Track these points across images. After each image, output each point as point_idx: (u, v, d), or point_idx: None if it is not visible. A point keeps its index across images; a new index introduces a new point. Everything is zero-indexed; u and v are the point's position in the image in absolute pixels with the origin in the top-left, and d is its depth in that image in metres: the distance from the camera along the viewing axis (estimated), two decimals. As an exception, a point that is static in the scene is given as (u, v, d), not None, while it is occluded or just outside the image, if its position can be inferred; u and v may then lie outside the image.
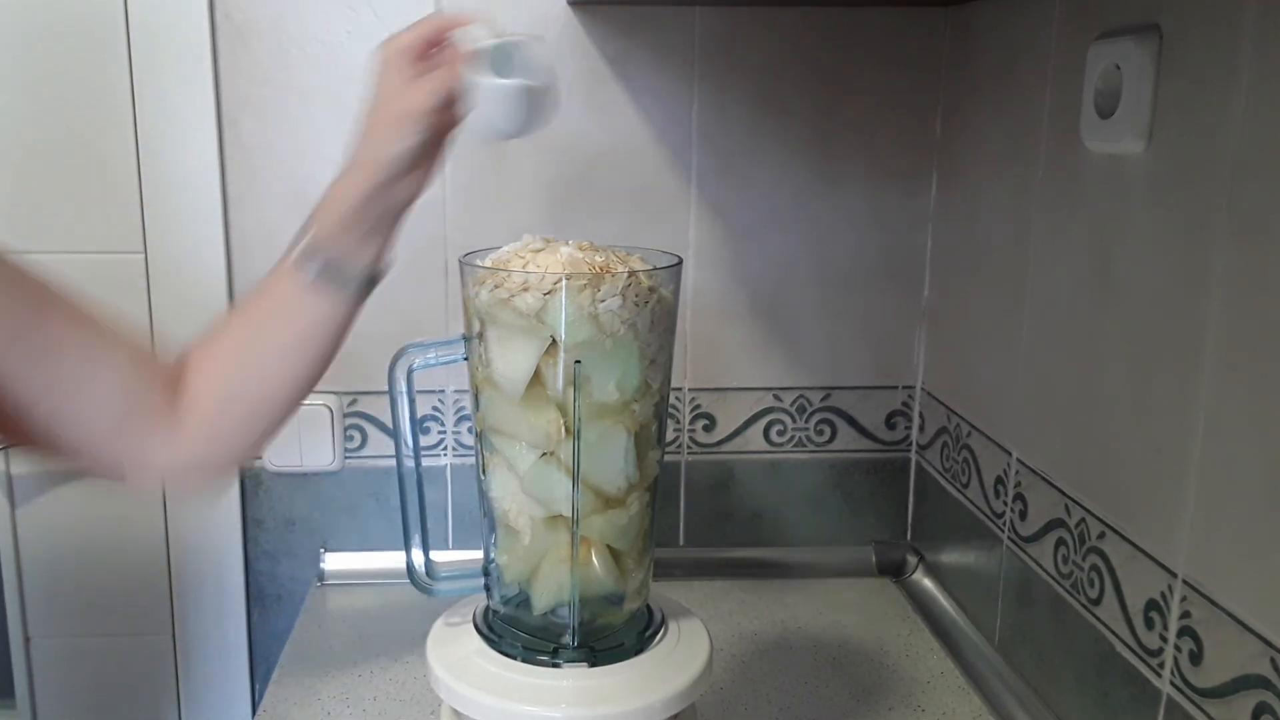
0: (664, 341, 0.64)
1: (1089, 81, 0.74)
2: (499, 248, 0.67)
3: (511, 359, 0.61)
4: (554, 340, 0.59)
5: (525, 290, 0.59)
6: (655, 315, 0.62)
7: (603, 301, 0.59)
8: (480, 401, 0.64)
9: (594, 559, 0.63)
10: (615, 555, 0.65)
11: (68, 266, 1.02)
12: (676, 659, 0.65)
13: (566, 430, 0.61)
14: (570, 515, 0.62)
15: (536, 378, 0.60)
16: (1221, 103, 0.61)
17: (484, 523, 0.67)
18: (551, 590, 0.64)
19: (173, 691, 1.12)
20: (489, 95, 0.64)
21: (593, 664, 0.64)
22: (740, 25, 1.03)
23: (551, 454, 0.62)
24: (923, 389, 1.12)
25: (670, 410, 1.10)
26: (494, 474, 0.65)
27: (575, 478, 0.61)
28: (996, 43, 0.94)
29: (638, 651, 0.65)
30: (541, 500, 0.63)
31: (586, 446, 0.61)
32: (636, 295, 0.60)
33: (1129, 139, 0.70)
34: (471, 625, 0.67)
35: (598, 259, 0.61)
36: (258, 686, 1.13)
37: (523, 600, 0.66)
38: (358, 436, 1.10)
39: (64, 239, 1.02)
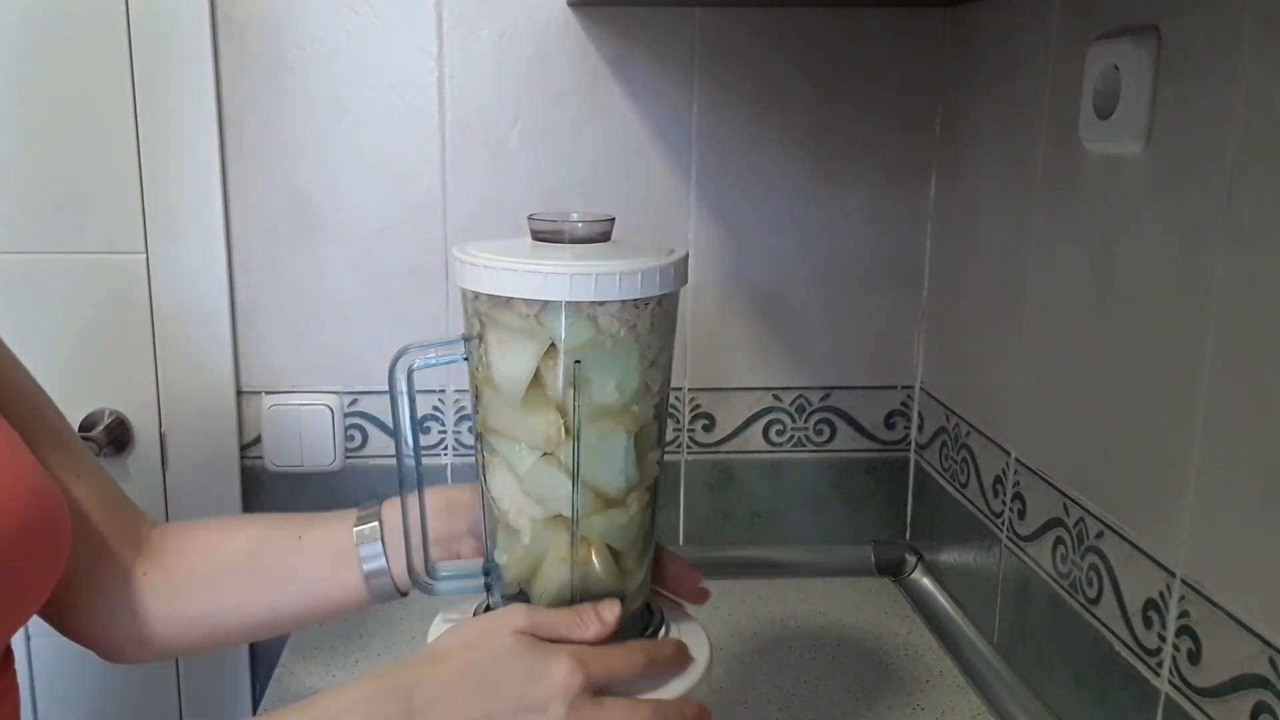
0: (664, 343, 0.64)
1: (1088, 82, 0.74)
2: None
3: (511, 360, 0.61)
4: (554, 342, 0.59)
5: None
6: (655, 317, 0.62)
7: (602, 303, 0.59)
8: (480, 402, 0.64)
9: (594, 559, 0.63)
10: (615, 555, 0.65)
11: (68, 267, 1.02)
12: None
13: (566, 431, 0.61)
14: (570, 515, 0.62)
15: (536, 379, 0.60)
16: (1220, 103, 0.62)
17: (484, 522, 0.67)
18: (551, 590, 0.64)
19: (173, 691, 1.12)
20: None
21: None
22: (740, 25, 1.03)
23: (551, 454, 0.62)
24: (922, 389, 1.12)
25: (670, 410, 1.10)
26: (494, 474, 0.65)
27: (575, 478, 0.61)
28: (996, 43, 0.94)
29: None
30: (541, 500, 0.63)
31: (586, 447, 0.61)
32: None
33: (1128, 140, 0.70)
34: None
35: None
36: (258, 686, 1.13)
37: (523, 600, 0.66)
38: (358, 436, 1.10)
39: (64, 239, 1.02)
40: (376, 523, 0.70)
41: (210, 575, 0.70)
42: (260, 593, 0.70)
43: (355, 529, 0.70)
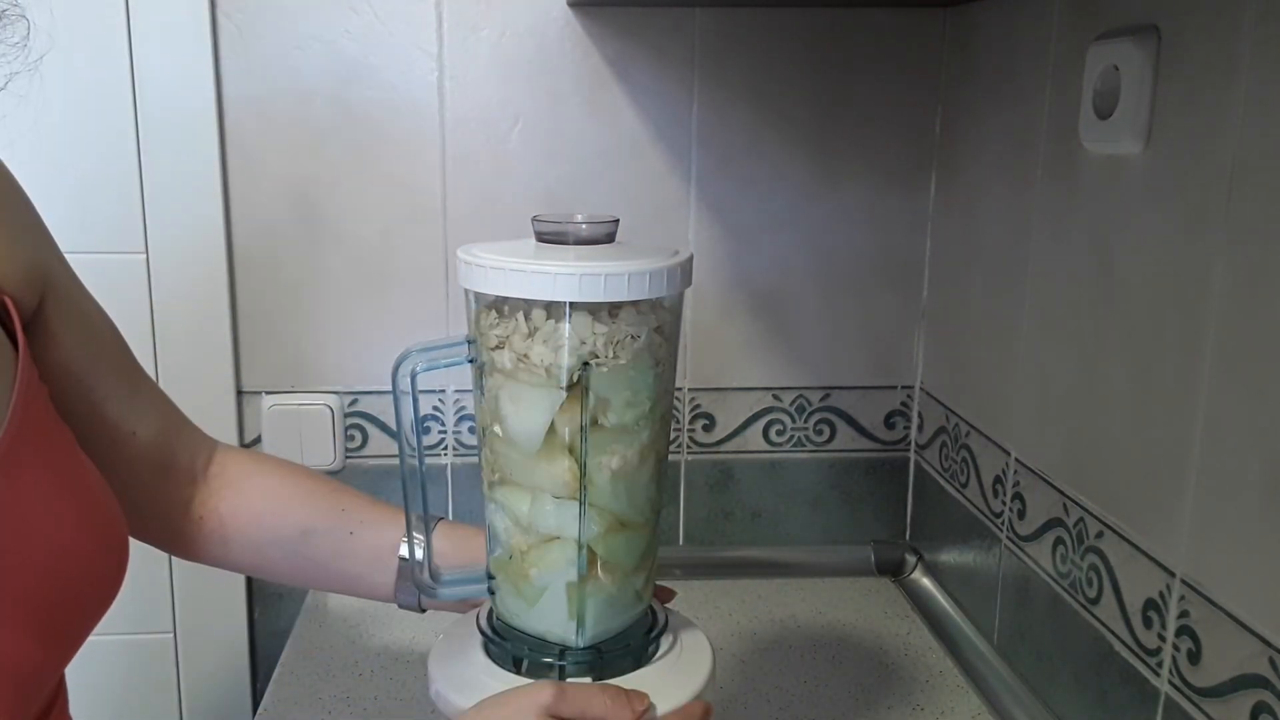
0: (671, 346, 0.64)
1: (1088, 82, 0.74)
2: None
3: (526, 414, 0.60)
4: (566, 393, 0.59)
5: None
6: (663, 319, 0.62)
7: (614, 312, 0.59)
8: (488, 448, 0.64)
9: (600, 574, 0.63)
10: (622, 566, 0.64)
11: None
12: (681, 670, 0.65)
13: (583, 471, 0.61)
14: (578, 539, 0.62)
15: (551, 429, 0.60)
16: (1220, 103, 0.62)
17: (487, 536, 0.67)
18: (558, 609, 0.63)
19: (173, 691, 1.12)
20: None
21: (598, 669, 0.63)
22: (740, 25, 1.03)
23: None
24: (921, 389, 1.13)
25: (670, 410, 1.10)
26: (499, 515, 0.64)
27: (582, 508, 0.61)
28: (996, 43, 0.94)
29: (643, 649, 0.65)
30: (554, 533, 0.63)
31: (610, 479, 0.61)
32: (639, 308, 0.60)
33: (1127, 140, 0.70)
34: (475, 629, 0.67)
35: None
36: (259, 686, 1.13)
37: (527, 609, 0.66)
38: (359, 436, 1.10)
39: (64, 239, 1.01)
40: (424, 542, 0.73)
41: (260, 545, 0.75)
42: (301, 568, 0.76)
43: (403, 541, 0.73)
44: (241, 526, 0.74)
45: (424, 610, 0.75)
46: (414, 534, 0.67)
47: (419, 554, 0.68)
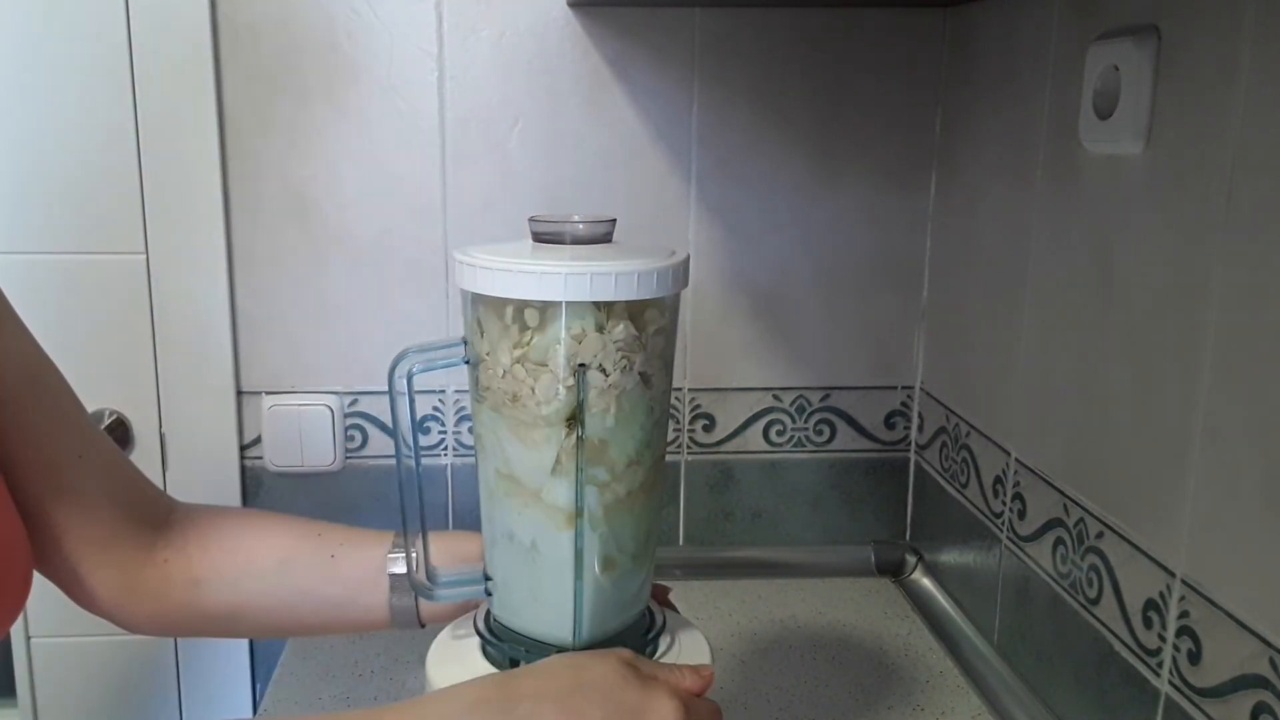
0: (668, 345, 0.64)
1: (1088, 82, 0.74)
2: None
3: (532, 450, 0.60)
4: (563, 394, 0.59)
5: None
6: (660, 326, 0.62)
7: (609, 319, 0.59)
8: (486, 452, 0.64)
9: (598, 574, 0.63)
10: (620, 566, 0.64)
11: (68, 267, 1.02)
12: None
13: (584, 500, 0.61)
14: (575, 539, 0.62)
15: (547, 428, 0.60)
16: (1220, 104, 0.62)
17: (484, 541, 0.67)
18: (556, 610, 0.63)
19: (173, 691, 1.12)
20: None
21: None
22: (740, 25, 1.03)
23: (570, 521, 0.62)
24: (922, 389, 1.12)
25: (670, 410, 1.10)
26: (496, 515, 0.64)
27: (580, 506, 0.61)
28: (996, 43, 0.94)
29: (640, 650, 0.65)
30: (550, 531, 0.63)
31: (608, 479, 0.61)
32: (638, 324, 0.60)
33: (1127, 140, 0.70)
34: (473, 630, 0.67)
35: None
36: (258, 686, 1.13)
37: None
38: (358, 436, 1.10)
39: (64, 239, 1.02)
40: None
41: (236, 579, 0.70)
42: (284, 604, 0.71)
43: (389, 555, 0.70)
44: (214, 563, 0.69)
45: (424, 625, 0.72)
46: (410, 535, 0.67)
47: (416, 558, 0.68)
